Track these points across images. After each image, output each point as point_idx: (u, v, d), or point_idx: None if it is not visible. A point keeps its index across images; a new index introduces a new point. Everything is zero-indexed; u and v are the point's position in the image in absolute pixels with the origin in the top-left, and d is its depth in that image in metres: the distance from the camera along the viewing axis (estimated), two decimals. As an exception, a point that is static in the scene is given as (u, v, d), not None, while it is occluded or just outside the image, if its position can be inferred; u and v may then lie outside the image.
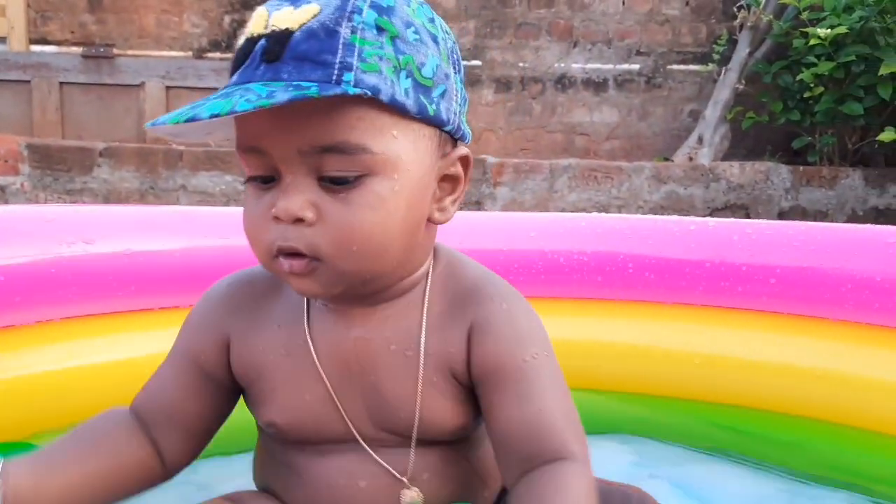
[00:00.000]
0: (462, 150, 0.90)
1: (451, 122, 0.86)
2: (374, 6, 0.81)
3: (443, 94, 0.85)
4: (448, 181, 0.90)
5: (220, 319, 0.97)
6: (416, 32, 0.83)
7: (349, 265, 0.82)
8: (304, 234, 0.80)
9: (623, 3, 5.47)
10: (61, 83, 5.20)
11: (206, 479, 1.41)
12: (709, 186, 4.59)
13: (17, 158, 4.29)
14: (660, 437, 1.42)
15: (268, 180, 0.82)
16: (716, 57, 5.20)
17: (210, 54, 5.33)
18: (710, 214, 4.57)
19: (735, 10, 5.15)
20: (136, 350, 1.43)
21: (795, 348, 1.40)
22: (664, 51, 5.52)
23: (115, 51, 5.27)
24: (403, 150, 0.82)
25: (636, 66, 5.53)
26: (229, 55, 5.39)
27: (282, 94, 0.73)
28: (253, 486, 1.09)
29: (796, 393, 1.38)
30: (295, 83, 0.76)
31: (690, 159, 4.99)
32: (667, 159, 5.15)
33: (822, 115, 4.65)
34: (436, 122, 0.84)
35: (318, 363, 0.92)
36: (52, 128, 5.20)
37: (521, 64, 5.55)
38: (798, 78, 4.62)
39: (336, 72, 0.77)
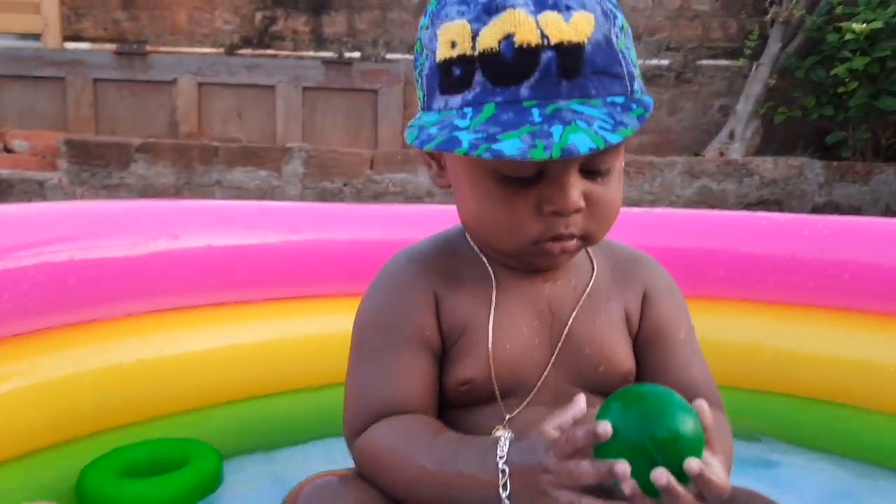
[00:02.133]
0: None
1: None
2: (617, 6, 0.89)
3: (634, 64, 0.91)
4: None
5: (426, 282, 1.01)
6: (624, 23, 0.90)
7: (603, 235, 0.95)
8: (576, 220, 0.90)
9: (653, -1, 5.46)
10: (95, 80, 5.23)
11: (282, 469, 1.43)
12: (742, 181, 4.57)
13: (55, 154, 4.34)
14: (743, 430, 1.43)
15: (529, 178, 0.88)
16: (747, 52, 5.18)
17: (242, 51, 5.36)
18: (743, 210, 4.56)
19: (766, 5, 5.13)
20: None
21: (868, 344, 1.41)
22: (694, 46, 5.50)
23: (148, 47, 5.30)
24: None
25: (666, 62, 5.51)
26: (261, 51, 5.43)
27: (628, 120, 0.81)
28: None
29: (872, 389, 1.39)
30: (610, 100, 0.83)
31: (721, 154, 4.98)
32: (697, 154, 5.13)
33: (856, 110, 4.62)
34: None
35: (514, 314, 0.99)
36: (86, 124, 5.24)
37: (549, 59, 5.53)
38: (832, 73, 4.60)
39: (628, 83, 0.86)
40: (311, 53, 5.35)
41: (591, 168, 0.89)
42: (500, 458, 0.82)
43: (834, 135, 4.89)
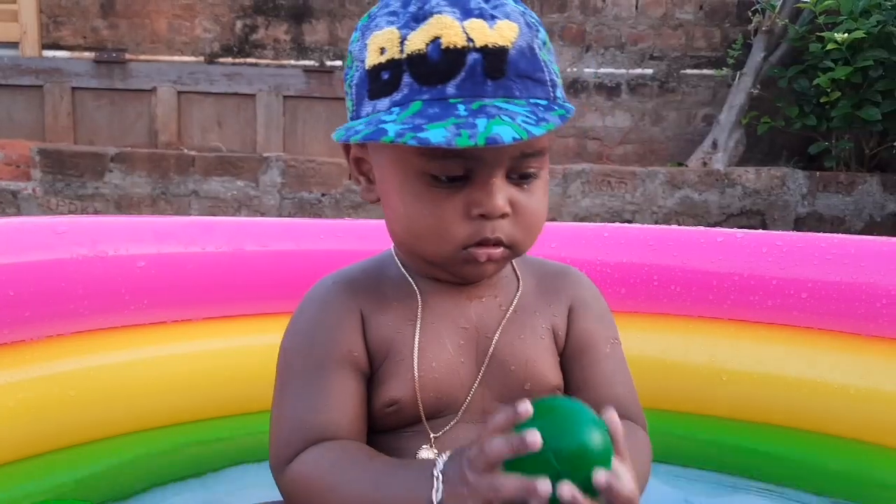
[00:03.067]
0: None
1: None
2: (540, 23, 0.94)
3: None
4: None
5: (352, 302, 1.00)
6: (546, 39, 0.94)
7: (528, 245, 0.96)
8: (503, 225, 0.92)
9: (636, 8, 5.43)
10: (73, 88, 5.19)
11: (215, 496, 1.38)
12: (724, 192, 4.54)
13: (29, 164, 4.29)
14: (694, 459, 1.38)
15: (455, 180, 0.90)
16: (730, 61, 5.16)
17: (222, 59, 5.32)
18: (726, 220, 4.52)
19: (749, 14, 5.11)
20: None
21: (827, 365, 1.36)
22: (678, 55, 5.47)
23: (127, 56, 5.26)
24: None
25: (649, 71, 5.49)
26: (241, 60, 5.39)
27: (550, 117, 0.85)
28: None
29: (830, 412, 1.34)
30: (533, 101, 0.87)
31: (704, 164, 4.95)
32: (680, 164, 5.11)
33: (839, 120, 4.60)
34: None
35: (440, 332, 0.99)
36: (65, 133, 5.19)
37: (533, 68, 5.50)
38: (815, 82, 4.57)
39: (550, 88, 0.90)
40: (292, 62, 5.31)
41: (518, 172, 0.91)
42: (438, 469, 0.83)
43: (817, 145, 4.86)
